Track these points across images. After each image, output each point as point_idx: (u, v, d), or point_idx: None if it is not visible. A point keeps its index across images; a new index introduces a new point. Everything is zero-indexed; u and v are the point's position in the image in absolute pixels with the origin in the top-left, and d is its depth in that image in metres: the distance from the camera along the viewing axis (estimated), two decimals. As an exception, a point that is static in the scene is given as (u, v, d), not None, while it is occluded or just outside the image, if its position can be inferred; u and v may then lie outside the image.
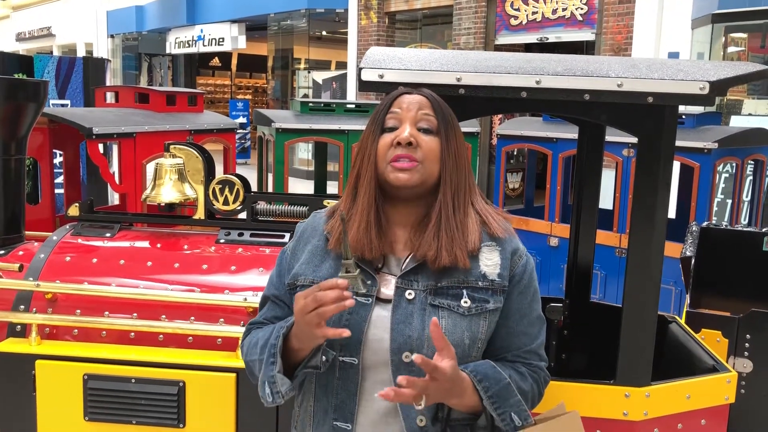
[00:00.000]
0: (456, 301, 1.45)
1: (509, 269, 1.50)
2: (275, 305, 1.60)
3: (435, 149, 1.47)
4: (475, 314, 1.46)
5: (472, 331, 1.46)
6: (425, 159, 1.46)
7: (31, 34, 26.98)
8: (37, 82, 2.72)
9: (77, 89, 6.62)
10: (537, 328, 1.55)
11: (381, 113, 1.51)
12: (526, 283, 1.53)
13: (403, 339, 1.43)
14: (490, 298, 1.48)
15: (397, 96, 1.52)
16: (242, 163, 15.50)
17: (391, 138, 1.47)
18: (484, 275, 1.47)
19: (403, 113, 1.49)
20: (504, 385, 1.43)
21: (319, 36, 17.14)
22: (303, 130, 5.43)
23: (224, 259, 2.55)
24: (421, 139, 1.47)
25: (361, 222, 1.46)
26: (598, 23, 9.09)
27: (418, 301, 1.45)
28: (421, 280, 1.46)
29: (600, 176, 2.55)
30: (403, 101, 1.51)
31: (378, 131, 1.49)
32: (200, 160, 2.67)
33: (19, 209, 2.75)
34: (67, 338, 2.41)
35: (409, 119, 1.48)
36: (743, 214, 5.58)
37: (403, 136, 1.45)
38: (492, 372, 1.44)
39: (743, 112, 7.84)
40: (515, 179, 9.67)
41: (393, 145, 1.46)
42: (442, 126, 1.49)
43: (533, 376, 1.52)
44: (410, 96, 1.52)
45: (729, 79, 1.81)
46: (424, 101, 1.51)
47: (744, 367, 2.68)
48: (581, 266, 2.59)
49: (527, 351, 1.53)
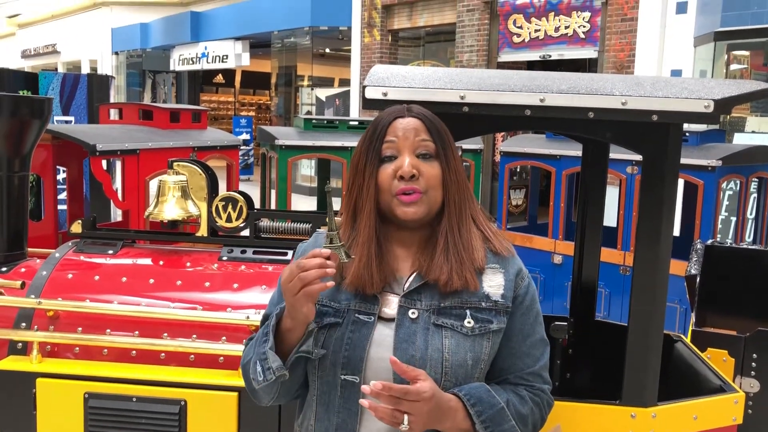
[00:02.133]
0: (459, 321, 1.45)
1: (513, 290, 1.50)
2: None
3: (437, 175, 1.46)
4: (479, 335, 1.45)
5: (475, 352, 1.45)
6: (429, 188, 1.45)
7: (36, 51, 27.19)
8: (41, 99, 2.72)
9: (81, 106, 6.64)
10: (540, 350, 1.53)
11: (376, 142, 1.47)
12: (529, 304, 1.52)
13: (407, 358, 1.42)
14: (494, 318, 1.47)
15: (390, 121, 1.49)
16: (245, 179, 15.53)
17: (392, 169, 1.45)
18: (487, 296, 1.47)
19: (400, 141, 1.46)
20: (498, 410, 1.41)
21: (323, 53, 17.24)
22: (306, 147, 5.44)
23: (227, 277, 2.54)
24: (423, 168, 1.45)
25: (362, 257, 1.45)
26: (600, 41, 9.13)
27: (422, 321, 1.44)
28: (424, 299, 1.46)
29: (604, 194, 2.54)
30: (398, 128, 1.47)
31: (376, 161, 1.46)
32: (203, 177, 2.67)
33: (22, 226, 2.75)
34: (69, 356, 2.40)
35: (407, 148, 1.45)
36: (748, 231, 5.55)
37: (405, 170, 1.43)
38: (486, 396, 1.42)
39: (746, 130, 7.85)
40: (518, 196, 9.66)
41: (396, 178, 1.44)
42: (441, 148, 1.47)
43: (534, 399, 1.50)
44: (404, 120, 1.48)
45: (733, 97, 1.80)
46: (420, 125, 1.48)
47: (751, 387, 2.65)
48: (586, 284, 2.58)
49: (530, 373, 1.51)
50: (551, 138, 5.66)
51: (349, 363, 1.43)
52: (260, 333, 1.45)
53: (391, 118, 1.49)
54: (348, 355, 1.43)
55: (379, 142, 1.47)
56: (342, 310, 1.47)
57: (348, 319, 1.46)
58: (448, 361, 1.43)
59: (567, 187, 5.48)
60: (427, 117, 1.50)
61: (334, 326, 1.46)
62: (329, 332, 1.45)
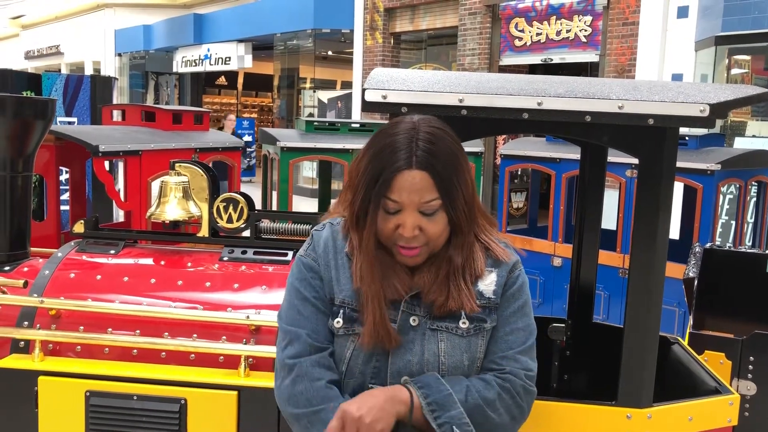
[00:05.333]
0: (454, 322, 1.47)
1: (503, 285, 1.52)
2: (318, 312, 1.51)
3: (440, 228, 1.44)
4: (474, 334, 1.48)
5: (471, 352, 1.47)
6: (431, 239, 1.44)
7: (39, 53, 27.27)
8: (45, 100, 2.75)
9: (84, 107, 6.68)
10: (520, 337, 1.52)
11: (380, 190, 1.40)
12: (514, 294, 1.53)
13: (403, 363, 1.45)
14: (488, 317, 1.49)
15: (394, 175, 1.40)
16: (247, 180, 15.57)
17: (395, 224, 1.42)
18: (481, 293, 1.49)
19: (403, 201, 1.40)
20: (445, 395, 1.41)
21: (325, 56, 17.26)
22: (308, 149, 5.46)
23: (227, 277, 2.56)
24: (426, 226, 1.42)
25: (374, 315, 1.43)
26: (602, 45, 9.15)
27: (420, 328, 1.47)
28: (423, 305, 1.48)
29: (602, 197, 2.56)
30: (402, 186, 1.39)
31: (380, 210, 1.43)
32: (205, 178, 2.69)
33: (24, 226, 2.77)
34: (70, 354, 2.42)
35: (410, 207, 1.41)
36: (747, 235, 5.57)
37: (407, 234, 1.41)
38: (435, 382, 1.42)
39: (747, 134, 7.86)
40: (519, 199, 9.69)
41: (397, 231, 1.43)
42: (447, 198, 1.42)
43: (503, 385, 1.47)
44: (408, 175, 1.39)
45: (729, 101, 1.82)
46: (425, 181, 1.40)
47: (747, 390, 2.67)
48: (584, 287, 2.60)
49: (502, 357, 1.49)
50: (551, 141, 5.68)
51: (379, 373, 1.46)
52: None
53: (394, 172, 1.40)
54: (378, 366, 1.46)
55: (382, 195, 1.41)
56: None
57: None
58: (444, 364, 1.46)
59: (567, 190, 5.49)
60: (433, 166, 1.40)
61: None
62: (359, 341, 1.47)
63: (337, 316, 1.49)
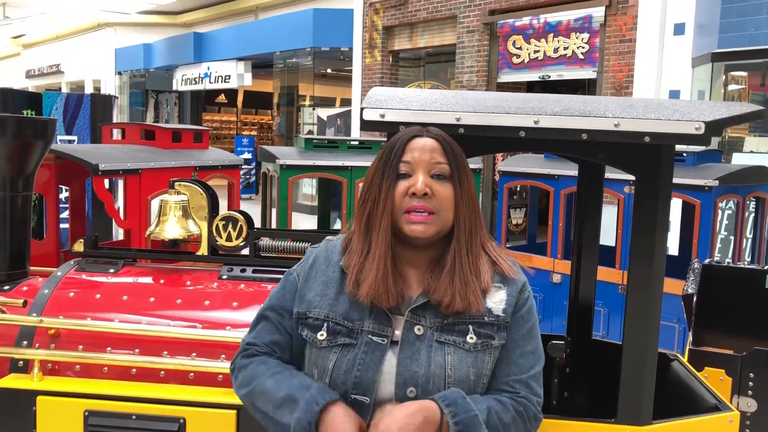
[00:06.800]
0: (462, 337, 1.47)
1: (514, 305, 1.52)
2: (274, 328, 1.57)
3: (449, 196, 1.47)
4: (481, 350, 1.47)
5: (477, 367, 1.47)
6: (440, 208, 1.46)
7: (40, 71, 27.42)
8: (45, 120, 2.77)
9: (84, 125, 6.70)
10: (530, 361, 1.53)
11: (393, 159, 1.48)
12: (523, 316, 1.53)
13: (410, 374, 1.43)
14: (495, 334, 1.49)
15: (408, 140, 1.50)
16: (247, 198, 15.59)
17: (406, 187, 1.46)
18: (489, 310, 1.49)
19: (415, 161, 1.47)
20: (472, 416, 1.40)
21: (324, 73, 17.35)
22: (307, 167, 5.48)
23: (226, 296, 2.56)
24: (436, 189, 1.46)
25: (378, 271, 1.45)
26: (599, 62, 9.21)
27: (426, 338, 1.46)
28: (429, 316, 1.48)
29: (600, 213, 2.57)
30: (414, 147, 1.49)
31: (393, 177, 1.47)
32: (204, 197, 2.70)
33: (24, 245, 2.78)
34: (69, 374, 2.42)
35: (422, 167, 1.47)
36: (747, 251, 5.57)
37: (418, 187, 1.44)
38: (461, 401, 1.42)
39: (745, 150, 7.89)
40: (518, 215, 9.70)
41: (408, 195, 1.46)
42: (455, 171, 1.49)
43: (517, 408, 1.48)
44: (422, 140, 1.50)
45: (724, 119, 1.83)
46: (436, 146, 1.50)
47: (748, 406, 2.65)
48: (582, 303, 2.60)
49: (516, 380, 1.50)
50: (550, 158, 5.70)
51: (360, 384, 1.44)
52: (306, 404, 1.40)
53: (409, 137, 1.51)
54: (359, 376, 1.44)
55: (396, 159, 1.48)
56: (356, 330, 1.48)
57: (361, 341, 1.46)
58: (450, 377, 1.45)
59: (565, 207, 5.51)
60: (444, 139, 1.52)
61: (347, 346, 1.46)
62: (342, 352, 1.47)
63: (321, 330, 1.48)
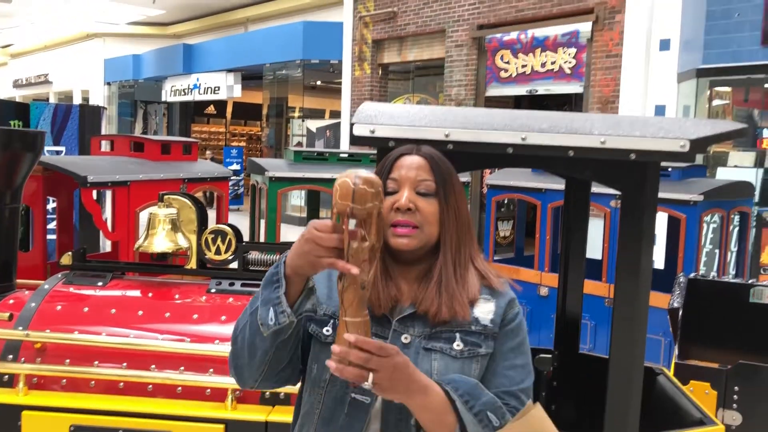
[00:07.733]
0: (449, 344, 1.48)
1: (502, 316, 1.53)
2: None
3: (433, 212, 1.50)
4: (467, 357, 1.49)
5: (464, 374, 1.48)
6: (424, 223, 1.49)
7: (28, 81, 27.29)
8: (34, 133, 2.77)
9: (72, 136, 6.68)
10: (521, 375, 1.53)
11: (382, 176, 1.52)
12: (513, 329, 1.54)
13: None
14: (483, 343, 1.50)
15: (397, 158, 1.54)
16: (235, 209, 15.55)
17: (391, 202, 1.50)
18: (477, 320, 1.51)
19: (402, 178, 1.51)
20: (473, 385, 1.42)
21: (314, 86, 17.40)
22: (296, 179, 5.48)
23: (215, 309, 2.56)
24: (420, 204, 1.49)
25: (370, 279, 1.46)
26: (586, 76, 9.30)
27: (413, 345, 1.48)
28: (417, 326, 1.49)
29: (587, 227, 2.59)
30: (402, 165, 1.53)
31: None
32: (193, 210, 2.70)
33: (11, 258, 2.76)
34: (56, 388, 2.40)
35: (407, 183, 1.51)
36: (731, 264, 5.62)
37: (402, 203, 1.48)
38: (458, 377, 1.43)
39: (729, 164, 7.98)
40: (506, 227, 9.74)
41: (393, 209, 1.49)
42: (441, 187, 1.52)
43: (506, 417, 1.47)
44: (410, 158, 1.54)
45: (709, 137, 1.86)
46: (423, 164, 1.53)
47: (733, 420, 2.68)
48: (569, 317, 2.62)
49: (505, 392, 1.50)
50: (537, 172, 5.74)
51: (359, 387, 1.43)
52: (268, 279, 1.44)
53: (398, 155, 1.55)
54: None
55: (385, 176, 1.53)
56: None
57: None
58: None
59: (553, 220, 5.54)
60: (433, 157, 1.54)
61: None
62: None
63: (327, 326, 1.51)
